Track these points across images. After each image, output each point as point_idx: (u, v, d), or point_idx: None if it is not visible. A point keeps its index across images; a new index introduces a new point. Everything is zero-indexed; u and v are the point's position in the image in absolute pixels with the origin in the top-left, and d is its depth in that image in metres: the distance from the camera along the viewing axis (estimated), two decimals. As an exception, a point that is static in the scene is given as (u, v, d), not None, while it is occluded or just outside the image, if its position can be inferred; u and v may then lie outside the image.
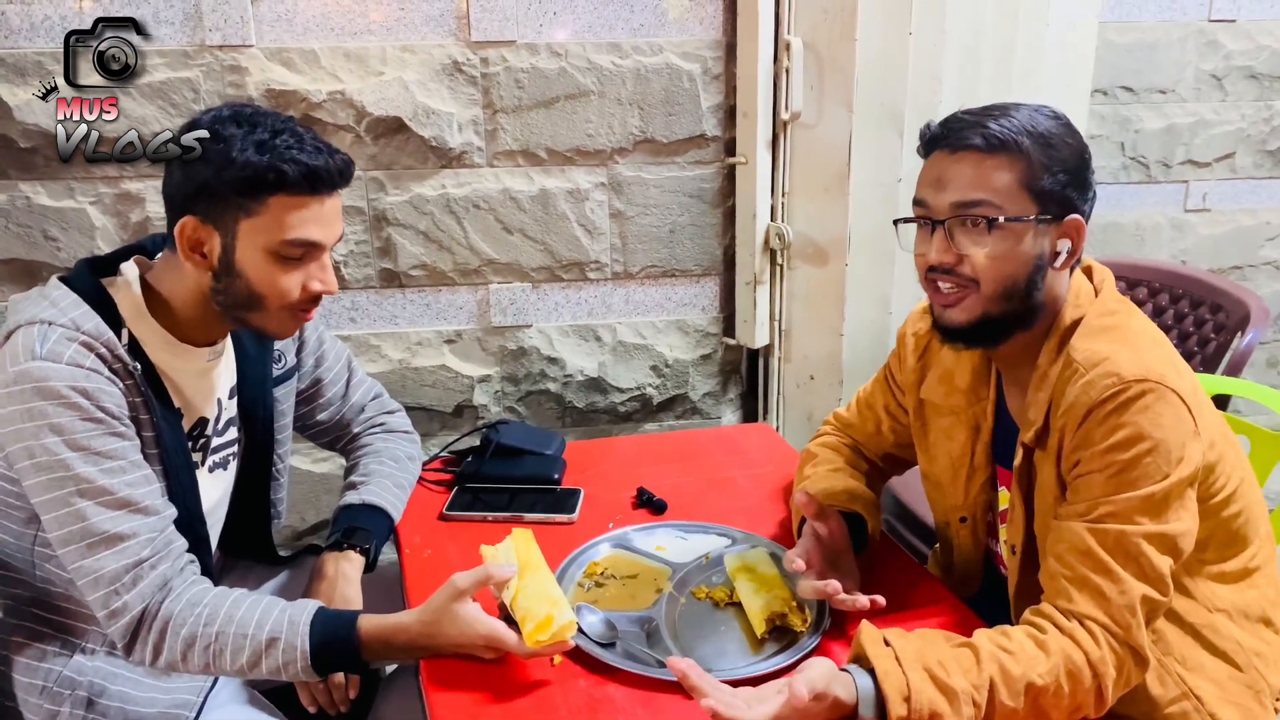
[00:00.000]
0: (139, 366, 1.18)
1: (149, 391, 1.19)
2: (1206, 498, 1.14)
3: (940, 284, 1.17)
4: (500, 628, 1.16)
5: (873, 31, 2.13)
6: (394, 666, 1.60)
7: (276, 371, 1.44)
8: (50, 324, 1.13)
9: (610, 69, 2.27)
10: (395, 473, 1.54)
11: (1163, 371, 1.08)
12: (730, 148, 2.38)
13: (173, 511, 1.20)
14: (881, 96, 2.17)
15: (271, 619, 1.16)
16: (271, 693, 1.38)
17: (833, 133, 2.23)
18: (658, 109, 2.32)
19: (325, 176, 1.16)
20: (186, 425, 1.29)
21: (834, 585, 1.18)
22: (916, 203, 1.18)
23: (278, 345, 1.43)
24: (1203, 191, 2.82)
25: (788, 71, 2.24)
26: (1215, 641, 1.19)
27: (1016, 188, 1.11)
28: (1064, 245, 1.15)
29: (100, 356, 1.14)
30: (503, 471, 1.66)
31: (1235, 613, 1.20)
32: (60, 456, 1.10)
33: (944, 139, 1.15)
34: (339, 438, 1.63)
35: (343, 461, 1.63)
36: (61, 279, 1.20)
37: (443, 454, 1.77)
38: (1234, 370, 1.89)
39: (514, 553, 1.25)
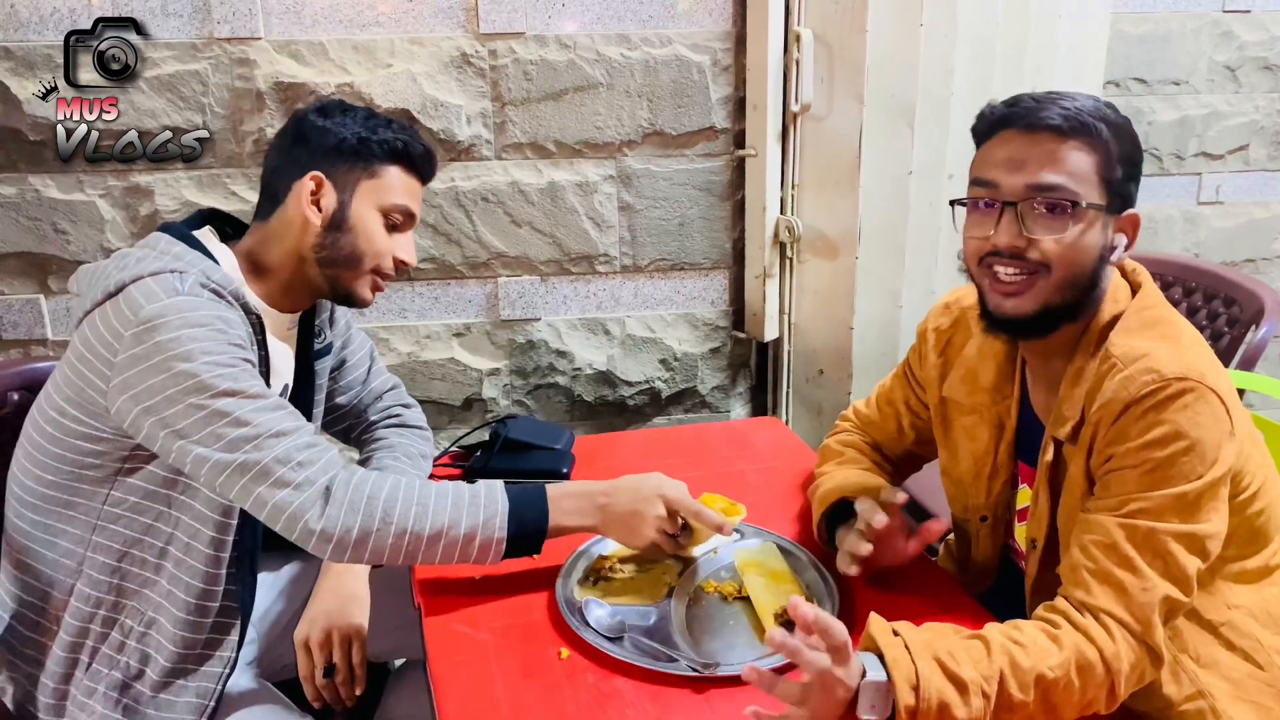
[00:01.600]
0: (258, 318, 1.26)
1: (263, 344, 1.28)
2: (1233, 495, 1.12)
3: (1001, 270, 1.13)
4: (667, 538, 1.29)
5: (884, 23, 2.12)
6: (401, 661, 1.61)
7: (317, 345, 1.47)
8: (181, 273, 1.18)
9: (619, 61, 2.26)
10: (408, 469, 1.54)
11: (1203, 370, 1.06)
12: (740, 140, 2.37)
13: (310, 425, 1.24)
14: (892, 89, 2.16)
15: (465, 488, 1.23)
16: (283, 685, 1.38)
17: (843, 125, 2.22)
18: (667, 101, 2.31)
19: (432, 161, 1.39)
20: (275, 392, 1.32)
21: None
22: (981, 183, 1.14)
23: (316, 321, 1.46)
24: (1216, 184, 2.80)
25: (798, 63, 2.23)
26: (1234, 639, 1.17)
27: (1093, 174, 1.09)
28: (1120, 239, 1.13)
29: (229, 304, 1.21)
30: (511, 466, 1.65)
31: (1256, 610, 1.19)
32: (213, 374, 1.13)
33: (1019, 117, 1.11)
34: (354, 425, 1.63)
35: (354, 455, 1.63)
36: (169, 235, 1.26)
37: (451, 449, 1.77)
38: (1248, 364, 1.87)
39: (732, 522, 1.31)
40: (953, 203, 1.19)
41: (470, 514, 1.20)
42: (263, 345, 1.28)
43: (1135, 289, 1.18)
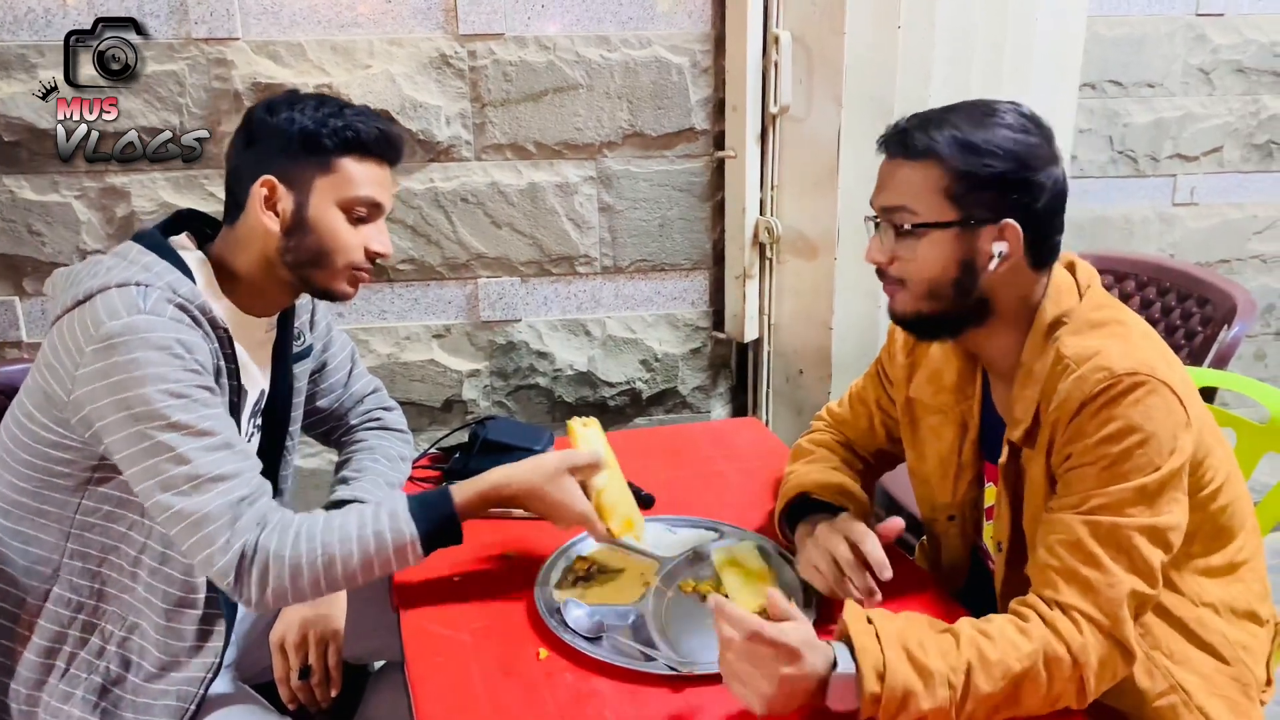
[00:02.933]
0: (226, 332, 1.24)
1: (230, 357, 1.25)
2: (1195, 490, 1.14)
3: (883, 280, 1.23)
4: (592, 512, 1.27)
5: (861, 25, 2.13)
6: (381, 663, 1.60)
7: (296, 348, 1.46)
8: (147, 286, 1.16)
9: (599, 62, 2.26)
10: (387, 471, 1.53)
11: (1153, 364, 1.08)
12: (719, 141, 2.38)
13: (257, 462, 1.22)
14: (871, 90, 2.17)
15: (370, 520, 1.19)
16: (260, 688, 1.37)
17: (822, 126, 2.23)
18: (646, 102, 2.31)
19: (395, 143, 1.30)
20: (250, 400, 1.34)
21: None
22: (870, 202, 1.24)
23: (296, 323, 1.45)
24: (1190, 185, 2.83)
25: (776, 65, 2.24)
26: (1202, 635, 1.19)
27: (933, 194, 1.14)
28: (998, 248, 1.15)
29: (195, 320, 1.18)
30: (491, 467, 1.64)
31: (1222, 606, 1.21)
32: (162, 404, 1.12)
33: (883, 145, 1.21)
34: (335, 428, 1.63)
35: (331, 457, 1.62)
36: (140, 243, 1.24)
37: (431, 450, 1.77)
38: (1220, 363, 1.89)
39: (601, 445, 1.33)
40: (866, 219, 1.26)
41: (380, 557, 1.18)
42: (231, 359, 1.26)
43: (1084, 290, 1.20)
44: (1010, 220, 1.14)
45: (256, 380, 1.37)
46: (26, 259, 2.18)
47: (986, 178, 1.12)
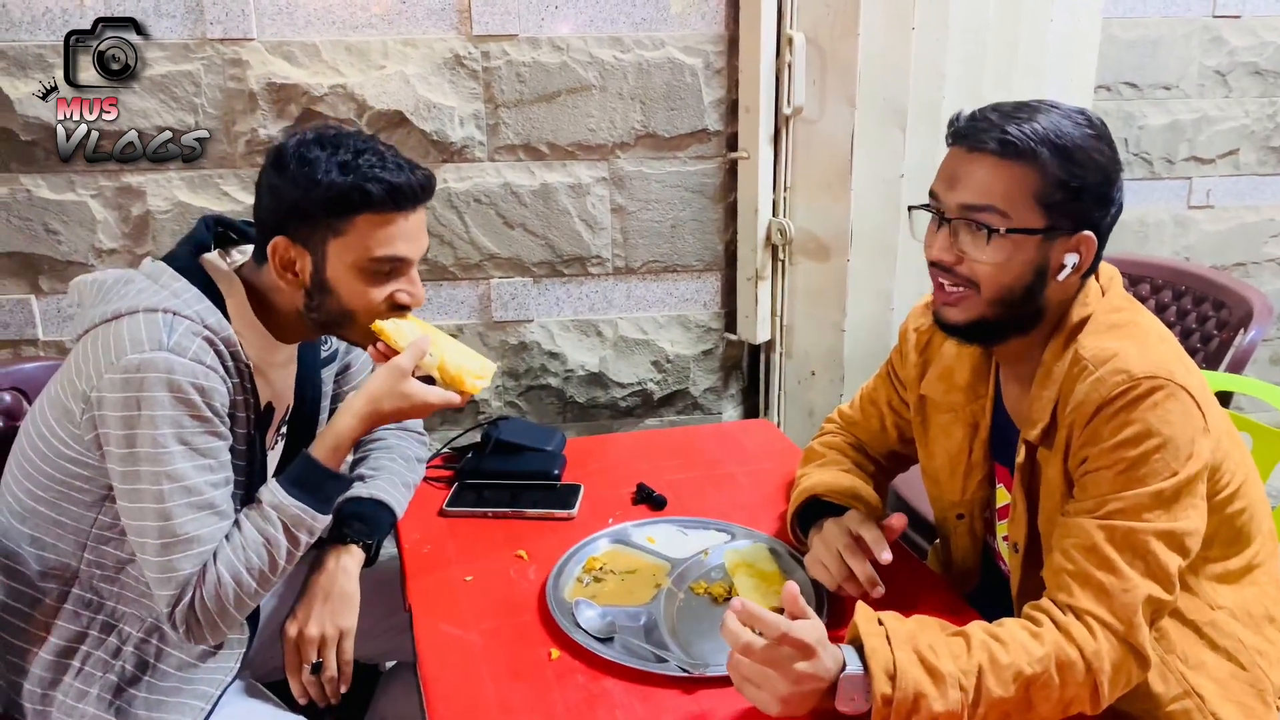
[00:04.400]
0: (249, 367, 1.22)
1: (250, 390, 1.24)
2: (1212, 494, 1.13)
3: (943, 281, 1.16)
4: (441, 393, 1.25)
5: (875, 26, 2.12)
6: (393, 663, 1.61)
7: (324, 353, 1.46)
8: (176, 315, 1.15)
9: (612, 63, 2.27)
10: (403, 471, 1.54)
11: (1171, 368, 1.07)
12: (732, 143, 2.38)
13: (234, 516, 1.23)
14: (884, 92, 2.16)
15: (255, 520, 1.20)
16: (274, 686, 1.38)
17: (835, 128, 2.22)
18: (659, 103, 2.31)
19: (408, 193, 1.19)
20: (276, 420, 1.34)
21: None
22: (931, 194, 1.16)
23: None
24: (1206, 188, 2.81)
25: (790, 66, 2.23)
26: (1217, 639, 1.18)
27: (1026, 198, 1.09)
28: (1071, 259, 1.13)
29: (219, 354, 1.17)
30: (503, 467, 1.65)
31: (1238, 611, 1.20)
32: (166, 450, 1.13)
33: (964, 136, 1.13)
34: None
35: (349, 455, 1.63)
36: (173, 265, 1.22)
37: (443, 450, 1.77)
38: (1236, 367, 1.88)
39: (417, 327, 1.27)
40: (910, 208, 1.22)
41: (288, 544, 1.20)
42: (253, 390, 1.25)
43: (1105, 291, 1.19)
44: (1088, 233, 1.12)
45: (284, 396, 1.37)
46: (43, 257, 2.20)
47: (1077, 188, 1.09)
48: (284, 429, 1.42)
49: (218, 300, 1.22)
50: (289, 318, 1.28)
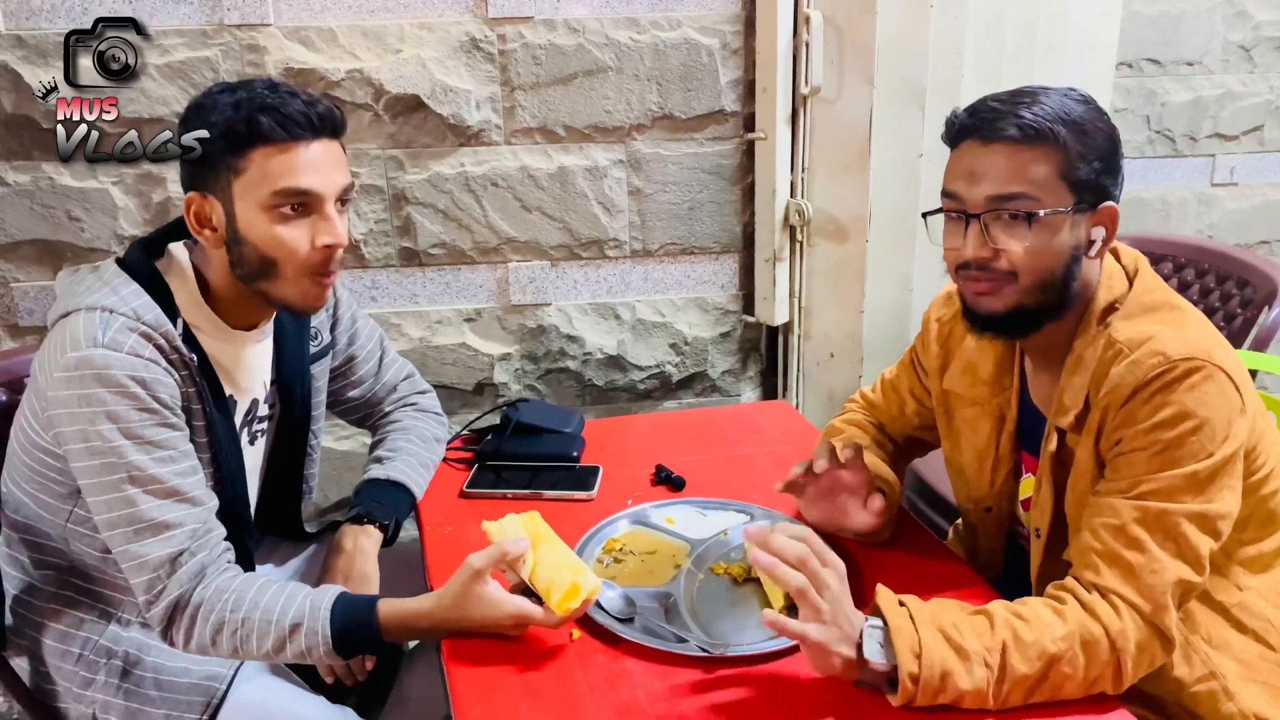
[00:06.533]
0: (195, 358, 1.21)
1: (203, 382, 1.22)
2: (1248, 475, 1.12)
3: (974, 279, 1.15)
4: (524, 603, 1.16)
5: (893, 5, 2.11)
6: (416, 642, 1.62)
7: (313, 349, 1.46)
8: (112, 312, 1.15)
9: (628, 45, 2.26)
10: (421, 452, 1.54)
11: (1209, 349, 1.07)
12: (749, 123, 2.37)
13: (215, 502, 1.22)
14: (903, 71, 2.15)
15: (295, 605, 1.17)
16: (296, 664, 1.40)
17: (853, 108, 2.21)
18: (676, 85, 2.30)
19: (300, 119, 1.15)
20: (241, 411, 1.33)
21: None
22: (947, 195, 1.15)
23: (314, 322, 1.45)
24: (1230, 165, 2.78)
25: (807, 46, 2.22)
26: (1245, 620, 1.17)
27: (1054, 179, 1.09)
28: (1098, 233, 1.13)
29: (159, 347, 1.16)
30: (522, 449, 1.66)
31: (1267, 591, 1.19)
32: (114, 444, 1.13)
33: (976, 129, 1.11)
34: (370, 415, 1.64)
35: (366, 439, 1.64)
36: (119, 262, 1.22)
37: (463, 432, 1.78)
38: (1260, 345, 1.86)
39: (520, 527, 1.23)
40: (925, 215, 1.20)
41: (293, 647, 1.18)
42: (209, 378, 1.24)
43: (1133, 275, 1.18)
44: (1111, 204, 1.12)
45: (248, 389, 1.35)
46: (66, 245, 2.22)
47: (1094, 161, 1.09)
48: (263, 424, 1.41)
49: (165, 294, 1.21)
50: (228, 291, 1.25)
